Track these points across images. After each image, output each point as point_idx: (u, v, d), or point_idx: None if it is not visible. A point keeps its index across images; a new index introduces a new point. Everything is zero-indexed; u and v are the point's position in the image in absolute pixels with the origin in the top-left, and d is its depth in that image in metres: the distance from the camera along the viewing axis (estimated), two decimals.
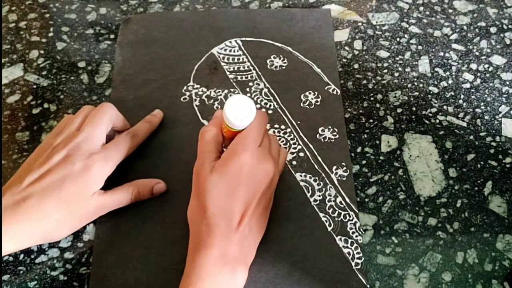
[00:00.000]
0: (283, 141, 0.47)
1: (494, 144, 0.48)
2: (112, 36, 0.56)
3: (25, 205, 0.36)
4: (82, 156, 0.38)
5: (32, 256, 0.41)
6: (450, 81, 0.52)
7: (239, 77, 0.52)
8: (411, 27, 0.57)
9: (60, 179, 0.37)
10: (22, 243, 0.37)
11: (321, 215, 0.43)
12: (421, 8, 0.59)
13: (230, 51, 0.54)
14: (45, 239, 0.39)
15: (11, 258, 0.41)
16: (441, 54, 0.55)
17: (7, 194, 0.36)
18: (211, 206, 0.35)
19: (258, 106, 0.50)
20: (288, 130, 0.48)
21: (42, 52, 0.54)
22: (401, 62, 0.54)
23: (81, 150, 0.39)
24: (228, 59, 0.53)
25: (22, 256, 0.41)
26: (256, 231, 0.38)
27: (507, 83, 0.52)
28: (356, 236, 0.42)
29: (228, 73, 0.52)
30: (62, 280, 0.40)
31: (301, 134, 0.48)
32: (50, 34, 0.56)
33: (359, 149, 0.47)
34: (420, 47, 0.55)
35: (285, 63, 0.53)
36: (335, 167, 0.46)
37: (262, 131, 0.38)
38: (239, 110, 0.37)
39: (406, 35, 0.56)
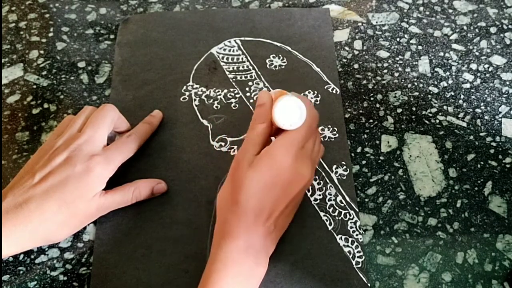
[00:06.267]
0: None
1: (494, 144, 0.48)
2: (112, 36, 0.56)
3: (27, 207, 0.36)
4: (83, 158, 0.39)
5: (32, 256, 0.41)
6: (450, 81, 0.52)
7: (238, 77, 0.52)
8: (411, 27, 0.57)
9: (62, 181, 0.37)
10: (24, 245, 0.37)
11: (322, 214, 0.43)
12: (421, 8, 0.59)
13: (229, 50, 0.54)
14: (47, 240, 0.39)
15: (11, 258, 0.41)
16: (441, 54, 0.55)
17: (9, 196, 0.36)
18: (243, 199, 0.36)
19: None
20: None
21: (42, 52, 0.54)
22: (401, 62, 0.54)
23: (82, 152, 0.39)
24: (227, 58, 0.53)
25: (22, 256, 0.41)
26: (280, 228, 0.39)
27: (507, 83, 0.52)
28: (357, 235, 0.42)
29: (227, 72, 0.52)
30: (62, 280, 0.40)
31: None
32: (50, 34, 0.56)
33: (359, 149, 0.47)
34: (420, 47, 0.55)
35: (284, 62, 0.53)
36: (335, 166, 0.46)
37: (310, 133, 0.38)
38: (290, 115, 0.36)
39: (406, 35, 0.56)
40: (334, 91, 0.51)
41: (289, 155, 0.36)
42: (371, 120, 0.49)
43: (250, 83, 0.52)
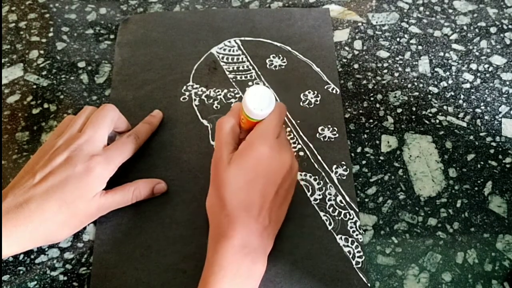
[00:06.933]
0: None
1: (494, 144, 0.48)
2: (112, 36, 0.56)
3: (27, 208, 0.36)
4: (83, 158, 0.38)
5: (32, 256, 0.41)
6: (450, 81, 0.52)
7: (238, 77, 0.52)
8: (411, 27, 0.57)
9: (62, 181, 0.37)
10: (24, 245, 0.37)
11: (321, 214, 0.43)
12: (421, 8, 0.59)
13: (229, 50, 0.54)
14: (47, 240, 0.39)
15: (11, 258, 0.41)
16: (441, 54, 0.55)
17: (9, 196, 0.36)
18: (230, 198, 0.36)
19: None
20: (288, 129, 0.48)
21: (42, 52, 0.54)
22: (401, 62, 0.54)
23: (82, 152, 0.39)
24: (227, 58, 0.53)
25: (22, 256, 0.41)
26: (275, 222, 0.38)
27: (507, 83, 0.52)
28: (357, 235, 0.42)
29: (227, 72, 0.52)
30: (62, 280, 0.40)
31: (301, 133, 0.48)
32: (50, 34, 0.56)
33: (359, 149, 0.47)
34: (420, 47, 0.55)
35: (284, 62, 0.53)
36: (335, 166, 0.46)
37: (281, 122, 0.39)
38: (260, 100, 0.37)
39: (406, 35, 0.56)
40: (334, 91, 0.51)
41: (266, 145, 0.36)
42: (371, 120, 0.49)
43: (250, 83, 0.52)
